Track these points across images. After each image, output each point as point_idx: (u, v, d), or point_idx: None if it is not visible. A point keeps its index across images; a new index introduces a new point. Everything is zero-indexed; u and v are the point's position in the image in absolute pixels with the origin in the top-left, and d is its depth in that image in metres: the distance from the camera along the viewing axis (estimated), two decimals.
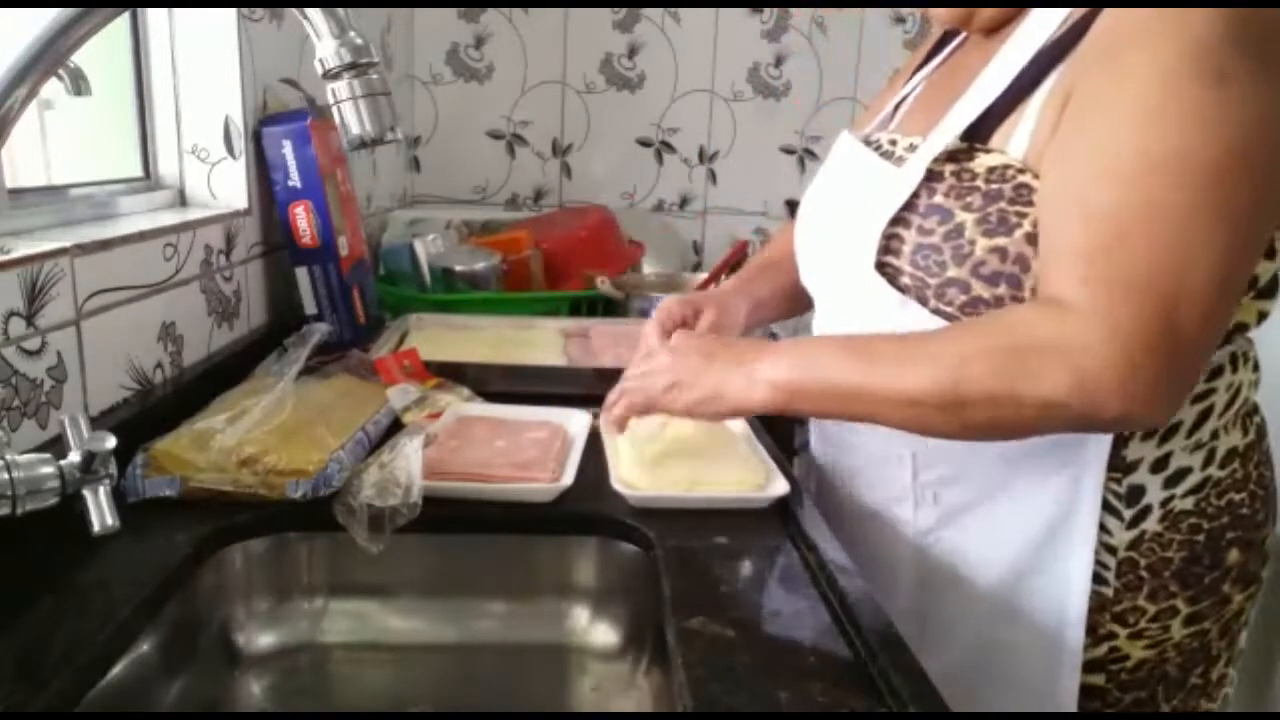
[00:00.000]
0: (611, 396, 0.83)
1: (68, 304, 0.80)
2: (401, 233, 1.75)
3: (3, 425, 0.70)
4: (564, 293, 1.67)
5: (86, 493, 0.60)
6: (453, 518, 0.81)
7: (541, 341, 1.34)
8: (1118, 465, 0.73)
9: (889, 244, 0.74)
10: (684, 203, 2.39)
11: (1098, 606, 0.76)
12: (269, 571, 0.80)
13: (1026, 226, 0.68)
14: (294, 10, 0.63)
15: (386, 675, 0.82)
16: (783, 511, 0.82)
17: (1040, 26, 0.71)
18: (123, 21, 1.12)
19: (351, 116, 0.63)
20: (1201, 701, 0.81)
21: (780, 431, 1.19)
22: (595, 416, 0.98)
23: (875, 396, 0.68)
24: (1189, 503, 0.75)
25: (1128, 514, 0.74)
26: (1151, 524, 0.75)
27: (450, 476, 0.82)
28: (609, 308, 1.63)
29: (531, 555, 0.84)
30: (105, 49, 1.11)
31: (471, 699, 0.81)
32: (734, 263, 1.74)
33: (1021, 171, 0.69)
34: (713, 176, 2.39)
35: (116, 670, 0.61)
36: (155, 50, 1.15)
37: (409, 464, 0.80)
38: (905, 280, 0.73)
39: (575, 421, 0.98)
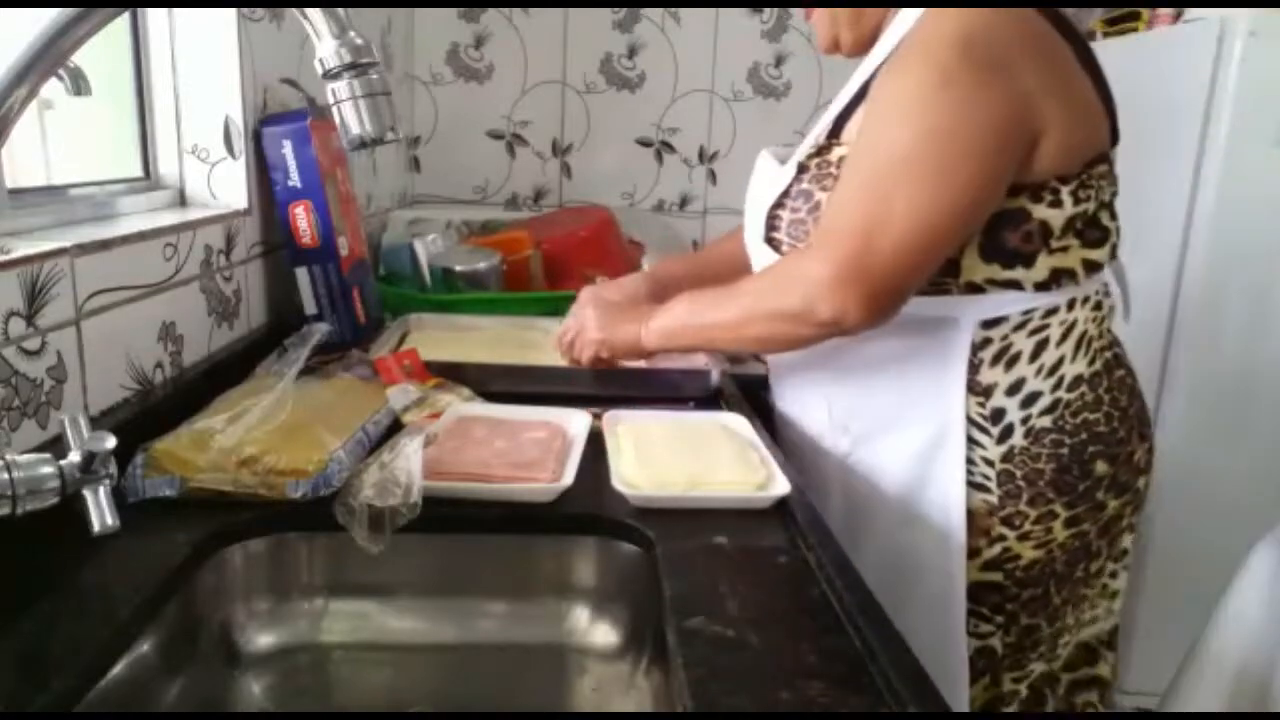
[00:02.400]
0: (565, 338, 1.15)
1: (68, 304, 0.80)
2: (401, 233, 1.75)
3: (3, 425, 0.71)
4: (564, 292, 1.66)
5: (86, 493, 0.60)
6: (453, 518, 0.81)
7: (541, 342, 1.34)
8: (976, 389, 0.92)
9: (773, 223, 0.96)
10: (684, 203, 2.40)
11: (986, 512, 0.93)
12: (269, 571, 0.80)
13: None
14: (294, 10, 0.63)
15: (386, 675, 0.82)
16: (783, 511, 0.82)
17: (884, 47, 0.92)
18: (123, 21, 1.12)
19: (351, 116, 0.63)
20: (1081, 589, 0.98)
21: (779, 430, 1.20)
22: (595, 417, 0.98)
23: (711, 327, 0.98)
24: (1046, 421, 0.91)
25: (995, 430, 0.92)
26: (1018, 439, 0.92)
27: (450, 476, 0.82)
28: None
29: (531, 555, 0.84)
30: (105, 49, 1.11)
31: (471, 699, 0.81)
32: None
33: None
34: (713, 176, 2.39)
35: (116, 670, 0.61)
36: (155, 50, 1.15)
37: (409, 464, 0.80)
38: (784, 249, 0.95)
39: (575, 421, 0.97)
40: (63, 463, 0.59)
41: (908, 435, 0.95)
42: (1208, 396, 1.85)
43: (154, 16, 1.14)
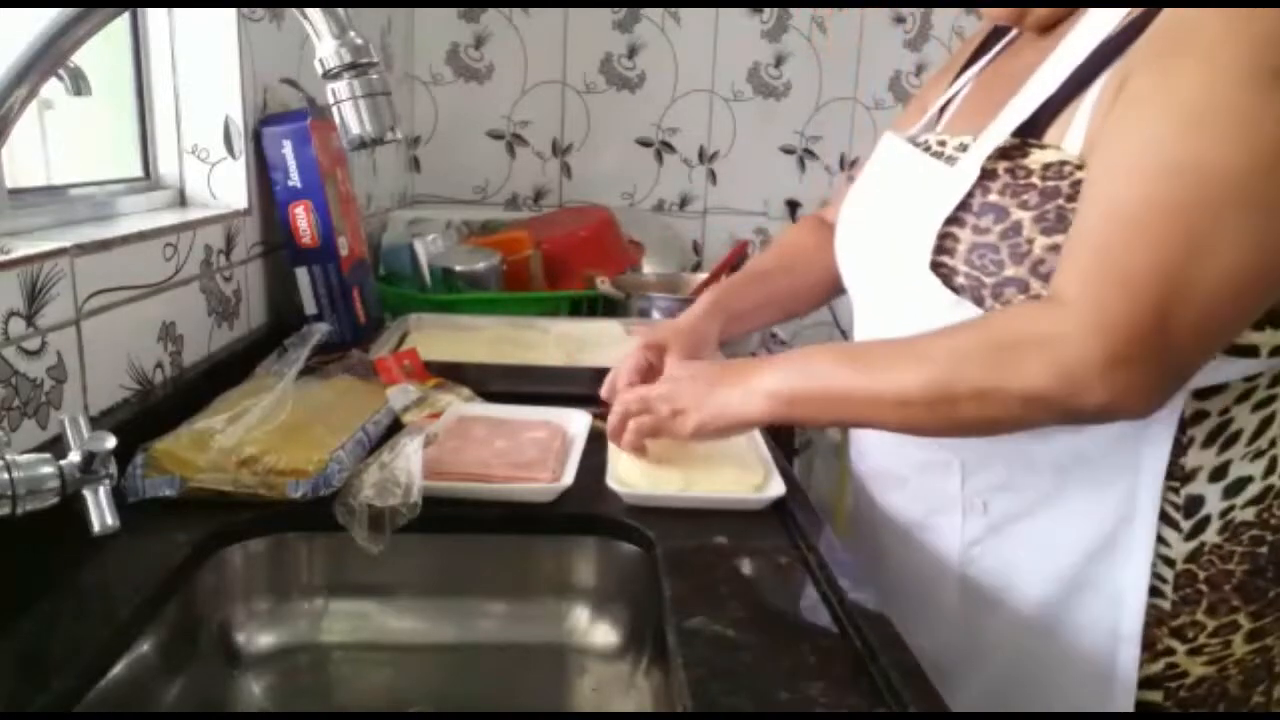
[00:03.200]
0: (613, 420, 0.84)
1: (68, 304, 0.80)
2: (401, 233, 1.75)
3: (3, 425, 0.70)
4: (564, 292, 1.67)
5: (86, 493, 0.60)
6: (453, 518, 0.81)
7: (541, 341, 1.34)
8: (1175, 474, 0.71)
9: (943, 243, 0.72)
10: (684, 203, 2.39)
11: (1154, 621, 0.74)
12: (269, 571, 0.80)
13: None
14: (294, 10, 0.63)
15: (386, 675, 0.82)
16: (782, 512, 0.82)
17: (1098, 23, 0.70)
18: (123, 21, 1.12)
19: (351, 116, 0.63)
20: None
21: (780, 432, 1.20)
22: (595, 417, 0.98)
23: (867, 398, 0.70)
24: (1250, 513, 0.73)
25: (1186, 525, 0.72)
26: (1211, 535, 0.72)
27: (450, 476, 0.82)
28: (609, 308, 1.63)
29: (531, 555, 0.84)
30: (105, 49, 1.11)
31: (471, 699, 0.81)
32: (734, 263, 1.74)
33: (1078, 168, 0.67)
34: (713, 176, 2.39)
35: (116, 670, 0.61)
36: (155, 50, 1.15)
37: (409, 464, 0.80)
38: (960, 280, 0.71)
39: (575, 421, 0.97)
40: (63, 463, 0.59)
41: (1073, 524, 0.74)
42: None
43: (154, 16, 1.13)
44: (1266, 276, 0.61)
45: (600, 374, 1.16)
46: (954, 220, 0.72)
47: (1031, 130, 0.71)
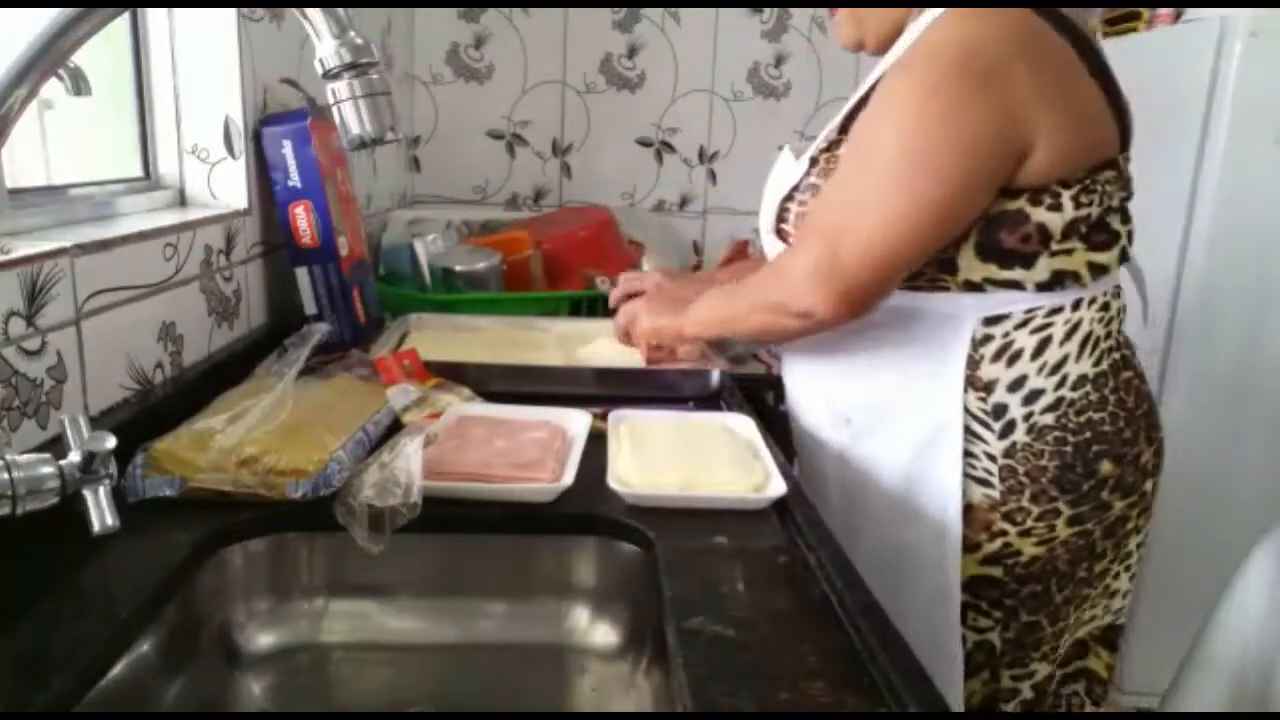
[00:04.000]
0: (620, 320, 1.23)
1: (68, 304, 0.80)
2: (401, 233, 1.75)
3: (3, 425, 0.71)
4: (564, 293, 1.67)
5: (86, 493, 0.60)
6: (453, 518, 0.81)
7: (542, 341, 1.34)
8: (977, 385, 0.93)
9: (782, 214, 1.00)
10: (684, 203, 2.40)
11: (988, 507, 0.93)
12: (269, 571, 0.80)
13: None
14: (294, 10, 0.63)
15: (386, 675, 0.82)
16: (783, 512, 0.82)
17: (899, 47, 0.93)
18: (123, 21, 1.12)
19: (351, 116, 0.63)
20: (1084, 589, 0.98)
21: (780, 432, 1.20)
22: (595, 417, 0.98)
23: (726, 319, 1.05)
24: (1049, 418, 0.92)
25: (996, 426, 0.93)
26: (1020, 435, 0.92)
27: (450, 476, 0.82)
28: (609, 308, 1.63)
29: (531, 555, 0.84)
30: (105, 49, 1.11)
31: (471, 699, 0.81)
32: (734, 263, 1.74)
33: None
34: (713, 176, 2.39)
35: (116, 670, 0.61)
36: (155, 50, 1.15)
37: (409, 464, 0.79)
38: (792, 239, 0.99)
39: (575, 421, 0.97)
40: (63, 463, 0.59)
41: (906, 428, 0.96)
42: (1207, 396, 1.85)
43: (154, 16, 1.14)
44: (909, 226, 0.86)
45: (600, 374, 1.17)
46: (789, 198, 0.99)
47: (846, 127, 0.95)
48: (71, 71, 0.85)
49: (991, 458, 0.93)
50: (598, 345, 1.30)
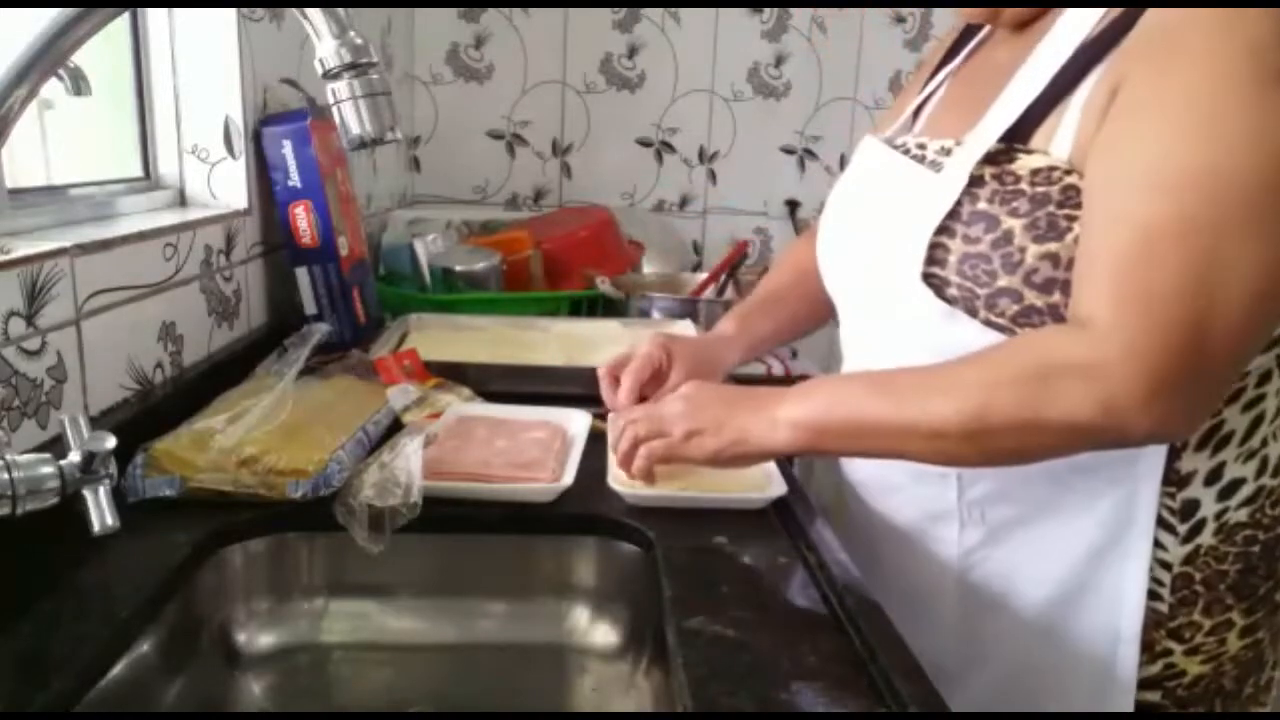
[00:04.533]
0: (623, 446, 0.80)
1: (68, 304, 0.80)
2: (401, 233, 1.75)
3: (3, 425, 0.71)
4: (564, 293, 1.67)
5: (86, 493, 0.60)
6: (453, 518, 0.81)
7: (541, 342, 1.34)
8: (1171, 479, 0.71)
9: (933, 254, 0.71)
10: (684, 203, 2.39)
11: (1153, 623, 0.74)
12: (269, 571, 0.80)
13: (1078, 230, 0.66)
14: (294, 10, 0.63)
15: (386, 675, 0.82)
16: (782, 512, 0.82)
17: (1077, 22, 0.69)
18: (123, 21, 1.12)
19: (351, 116, 0.63)
20: (1252, 706, 0.80)
21: None
22: (596, 417, 0.98)
23: (899, 429, 0.68)
24: (1243, 514, 0.73)
25: (1182, 529, 0.72)
26: (1207, 538, 0.73)
27: (450, 476, 0.82)
28: (609, 308, 1.63)
29: (531, 555, 0.84)
30: (105, 49, 1.11)
31: (471, 699, 0.81)
32: (734, 262, 1.74)
33: (1068, 173, 0.67)
34: (713, 176, 2.39)
35: (116, 670, 0.61)
36: (155, 50, 1.15)
37: (409, 464, 0.79)
38: (953, 291, 0.70)
39: (575, 421, 0.97)
40: (63, 463, 0.59)
41: (1071, 531, 0.74)
42: None
43: (154, 16, 1.13)
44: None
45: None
46: (943, 230, 0.70)
47: (1017, 135, 0.69)
48: (71, 71, 0.85)
49: (1166, 566, 0.73)
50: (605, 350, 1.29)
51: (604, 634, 0.83)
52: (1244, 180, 0.58)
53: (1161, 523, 0.72)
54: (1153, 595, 0.73)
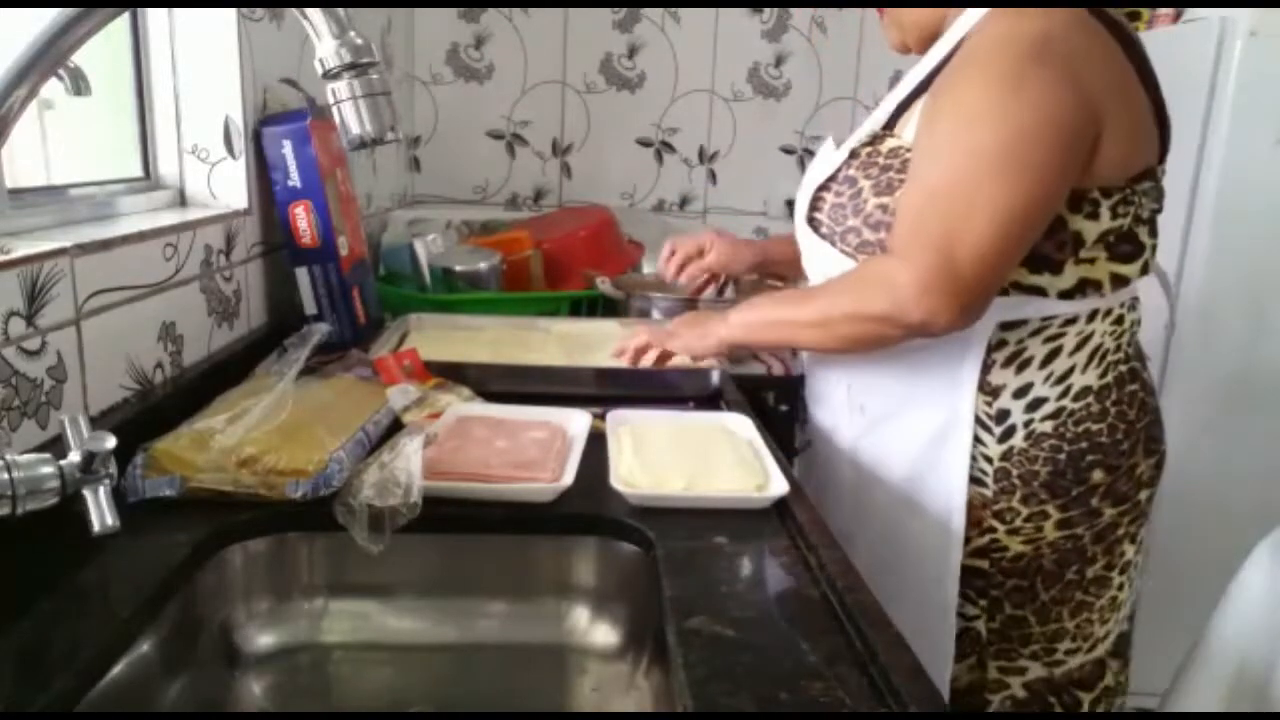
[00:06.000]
0: (633, 343, 1.17)
1: (68, 304, 0.80)
2: (401, 233, 1.75)
3: (3, 425, 0.71)
4: (564, 293, 1.67)
5: (86, 493, 0.60)
6: (453, 518, 0.81)
7: (542, 341, 1.34)
8: (986, 389, 0.96)
9: (816, 203, 1.01)
10: (684, 203, 2.40)
11: (980, 504, 0.97)
12: (269, 571, 0.80)
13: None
14: (294, 10, 0.63)
15: (386, 675, 0.82)
16: (782, 512, 0.82)
17: (944, 46, 0.95)
18: (123, 21, 1.12)
19: (351, 116, 0.63)
20: (1076, 593, 0.99)
21: (781, 432, 1.20)
22: (596, 416, 0.98)
23: (788, 323, 1.02)
24: (1048, 426, 0.95)
25: (997, 430, 0.96)
26: (1018, 440, 0.95)
27: (450, 476, 0.82)
28: (609, 308, 1.63)
29: (531, 555, 0.84)
30: (105, 49, 1.11)
31: (471, 699, 0.81)
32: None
33: (909, 150, 0.93)
34: (713, 176, 2.39)
35: (116, 670, 0.61)
36: (155, 50, 1.15)
37: (409, 464, 0.79)
38: (824, 230, 1.01)
39: (575, 421, 0.97)
40: (63, 463, 0.59)
41: (918, 422, 0.99)
42: (1206, 396, 1.85)
43: (154, 16, 1.14)
44: (1019, 221, 0.85)
45: (600, 374, 1.17)
46: (824, 188, 1.00)
47: (893, 125, 0.97)
48: (71, 71, 0.85)
49: (988, 459, 0.96)
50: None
51: (604, 634, 0.83)
52: (992, 150, 0.84)
53: (983, 424, 0.96)
54: (979, 481, 0.97)
